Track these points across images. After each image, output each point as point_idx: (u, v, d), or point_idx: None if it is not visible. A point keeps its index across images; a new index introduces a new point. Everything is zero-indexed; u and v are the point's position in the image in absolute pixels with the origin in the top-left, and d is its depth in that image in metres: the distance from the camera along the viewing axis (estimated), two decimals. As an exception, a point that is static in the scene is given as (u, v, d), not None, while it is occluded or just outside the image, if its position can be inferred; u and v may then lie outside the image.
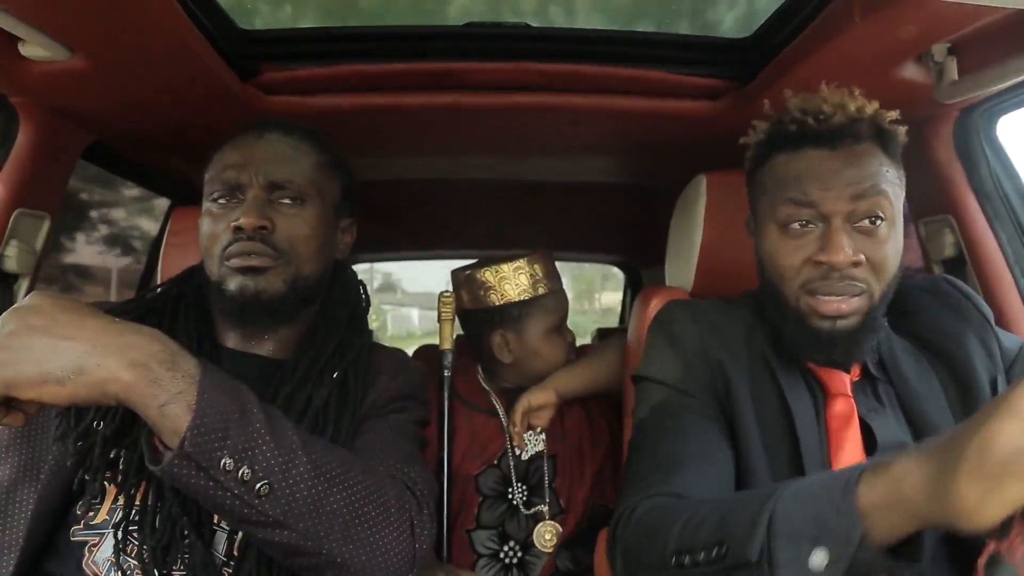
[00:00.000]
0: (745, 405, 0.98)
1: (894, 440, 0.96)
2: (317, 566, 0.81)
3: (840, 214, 0.92)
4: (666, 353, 1.06)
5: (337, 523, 0.80)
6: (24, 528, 0.89)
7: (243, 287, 0.98)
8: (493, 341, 1.58)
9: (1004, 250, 1.32)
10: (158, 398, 0.71)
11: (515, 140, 1.64)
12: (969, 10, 0.92)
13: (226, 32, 1.26)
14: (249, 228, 0.98)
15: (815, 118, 0.94)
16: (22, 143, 1.26)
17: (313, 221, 1.04)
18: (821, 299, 0.93)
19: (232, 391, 0.78)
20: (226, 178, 1.02)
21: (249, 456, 0.75)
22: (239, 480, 0.74)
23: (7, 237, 1.27)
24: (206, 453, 0.72)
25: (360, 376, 1.04)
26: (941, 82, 1.09)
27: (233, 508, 0.76)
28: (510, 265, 1.56)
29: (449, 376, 1.58)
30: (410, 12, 1.47)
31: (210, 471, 0.73)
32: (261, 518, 0.76)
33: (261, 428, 0.77)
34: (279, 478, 0.76)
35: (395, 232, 2.59)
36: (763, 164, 1.00)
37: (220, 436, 0.73)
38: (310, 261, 1.04)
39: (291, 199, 1.03)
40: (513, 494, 1.54)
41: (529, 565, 1.52)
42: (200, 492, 0.75)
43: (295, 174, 1.03)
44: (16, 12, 0.93)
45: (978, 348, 1.01)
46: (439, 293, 1.62)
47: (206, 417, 0.72)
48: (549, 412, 1.54)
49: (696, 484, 0.89)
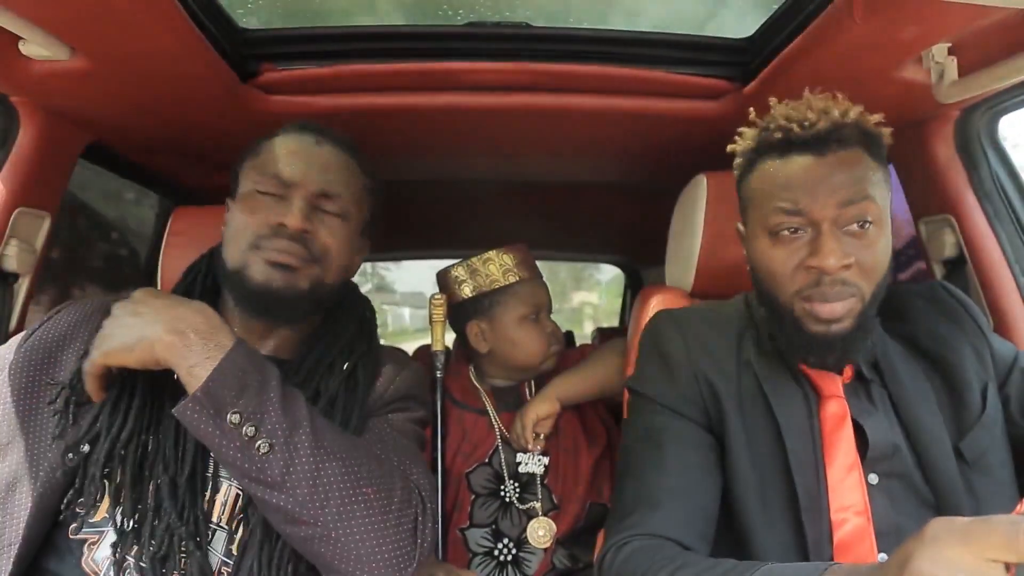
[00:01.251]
0: (734, 422, 0.99)
1: (886, 441, 0.97)
2: (313, 538, 0.84)
3: (829, 219, 0.92)
4: (656, 369, 1.07)
5: (333, 496, 0.84)
6: (23, 526, 0.89)
7: (270, 279, 0.99)
8: (470, 332, 1.62)
9: (1004, 250, 1.32)
10: (188, 359, 0.85)
11: (515, 140, 1.64)
12: (969, 10, 0.92)
13: (226, 32, 1.26)
14: (295, 230, 0.99)
15: (800, 125, 0.94)
16: (22, 142, 1.26)
17: (347, 237, 1.07)
18: (816, 303, 0.93)
19: (258, 364, 0.88)
20: (280, 172, 1.02)
21: (256, 417, 0.84)
22: (244, 436, 0.83)
23: (7, 236, 1.27)
24: (217, 403, 0.83)
25: (369, 369, 1.06)
26: (941, 82, 1.09)
27: (235, 460, 0.84)
28: (480, 258, 1.61)
29: (441, 377, 1.59)
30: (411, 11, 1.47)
31: (218, 420, 0.83)
32: (261, 476, 0.84)
33: (274, 397, 0.86)
34: (281, 442, 0.84)
35: (395, 232, 2.59)
36: (751, 172, 1.01)
37: (234, 394, 0.84)
38: (335, 272, 1.06)
39: (335, 213, 1.05)
40: (506, 491, 1.55)
41: (524, 562, 1.52)
42: (207, 438, 0.84)
43: (345, 189, 1.06)
44: (17, 11, 0.93)
45: (971, 355, 1.02)
46: (430, 296, 1.63)
47: (224, 374, 0.84)
48: (552, 420, 1.55)
49: (677, 524, 0.93)
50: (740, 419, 1.00)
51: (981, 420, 0.97)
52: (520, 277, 1.60)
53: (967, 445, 0.96)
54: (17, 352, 0.98)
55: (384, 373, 1.09)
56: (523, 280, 1.61)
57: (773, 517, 0.95)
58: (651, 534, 0.92)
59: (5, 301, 1.31)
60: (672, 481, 0.97)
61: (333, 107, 1.38)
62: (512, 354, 1.60)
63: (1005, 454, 0.98)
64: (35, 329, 1.02)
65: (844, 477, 0.94)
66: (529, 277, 1.62)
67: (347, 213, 1.06)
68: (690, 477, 0.98)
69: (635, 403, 1.09)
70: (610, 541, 0.95)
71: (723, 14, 1.47)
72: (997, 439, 0.98)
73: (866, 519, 0.92)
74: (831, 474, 0.94)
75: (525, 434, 1.52)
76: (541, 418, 1.52)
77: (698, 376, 1.03)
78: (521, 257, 1.63)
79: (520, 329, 1.59)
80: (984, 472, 0.96)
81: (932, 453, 0.95)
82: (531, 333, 1.59)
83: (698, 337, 1.07)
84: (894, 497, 0.95)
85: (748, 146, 1.02)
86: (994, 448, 0.97)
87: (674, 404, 1.03)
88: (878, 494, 0.94)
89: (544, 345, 1.60)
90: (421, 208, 2.36)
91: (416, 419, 1.10)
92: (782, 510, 0.95)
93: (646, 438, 1.03)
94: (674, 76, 1.37)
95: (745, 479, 0.97)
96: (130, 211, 2.14)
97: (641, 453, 1.02)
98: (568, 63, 1.34)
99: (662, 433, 1.01)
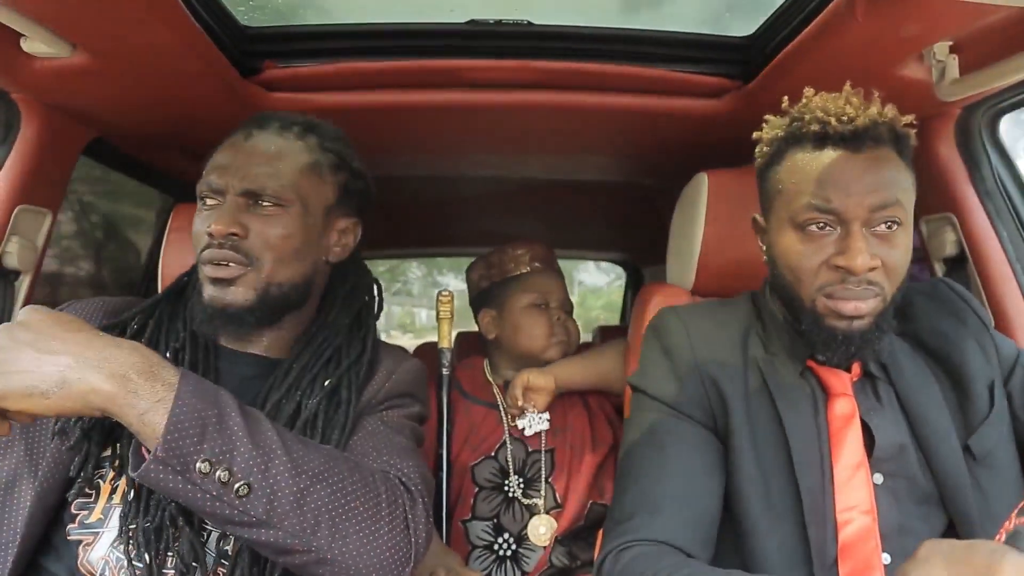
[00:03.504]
0: (739, 420, 0.99)
1: (892, 441, 0.96)
2: (308, 564, 0.81)
3: (860, 219, 0.92)
4: (660, 366, 1.06)
5: (323, 520, 0.80)
6: (22, 524, 0.90)
7: (212, 297, 0.98)
8: (482, 320, 1.71)
9: (1005, 248, 1.32)
10: (137, 407, 0.74)
11: (517, 138, 1.64)
12: (971, 8, 0.92)
13: (228, 29, 1.26)
14: (218, 235, 0.97)
15: (838, 119, 0.93)
16: (24, 139, 1.26)
17: (292, 226, 1.01)
18: (840, 301, 0.93)
19: (211, 395, 0.79)
20: (209, 181, 1.01)
21: (227, 458, 0.76)
22: (217, 482, 0.75)
23: (9, 233, 1.27)
24: (181, 457, 0.74)
25: (354, 385, 1.02)
26: (943, 80, 1.09)
27: (215, 510, 0.76)
28: (498, 250, 1.70)
29: (448, 374, 1.60)
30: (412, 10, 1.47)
31: (186, 474, 0.74)
32: (244, 518, 0.77)
33: (239, 430, 0.78)
34: (258, 478, 0.77)
35: (397, 230, 2.59)
36: (779, 161, 0.99)
37: (196, 440, 0.74)
38: (285, 266, 1.01)
39: (269, 204, 1.00)
40: (510, 486, 1.55)
41: (523, 558, 1.53)
42: (180, 496, 0.76)
43: (273, 179, 1.00)
44: (19, 8, 0.93)
45: (976, 352, 1.02)
46: (437, 293, 1.64)
47: (181, 422, 0.74)
48: (546, 397, 1.55)
49: (678, 529, 0.93)
50: (745, 417, 0.99)
51: (990, 417, 0.97)
52: (532, 268, 1.67)
53: (976, 442, 0.96)
54: None
55: (380, 371, 1.07)
56: (534, 271, 1.67)
57: (777, 516, 0.94)
58: (652, 540, 0.92)
59: (6, 298, 1.31)
60: (673, 484, 0.96)
61: (334, 104, 1.38)
62: (516, 339, 1.64)
63: (1012, 451, 0.99)
64: None
65: (851, 476, 0.94)
66: (541, 268, 1.68)
67: (284, 200, 1.00)
68: (692, 480, 0.97)
69: (637, 401, 1.08)
70: (610, 545, 0.94)
71: (724, 12, 1.47)
72: (1004, 436, 0.98)
73: (872, 519, 0.92)
74: (838, 472, 0.94)
75: (513, 392, 1.54)
76: (532, 387, 1.53)
77: (702, 374, 1.02)
78: (536, 251, 1.70)
79: (525, 315, 1.63)
80: (991, 469, 0.96)
81: (939, 451, 0.95)
82: (535, 319, 1.63)
83: (703, 334, 1.06)
84: (899, 497, 0.95)
85: (776, 135, 1.00)
86: (1001, 445, 0.98)
87: (677, 404, 1.02)
88: (883, 494, 0.94)
89: (547, 331, 1.63)
90: (422, 205, 2.36)
91: (412, 415, 1.08)
92: (786, 509, 0.94)
93: (648, 438, 1.02)
94: (675, 74, 1.37)
95: (749, 478, 0.96)
96: (131, 208, 2.15)
97: (642, 454, 1.01)
98: (569, 61, 1.34)
99: (664, 434, 1.01)
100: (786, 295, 1.00)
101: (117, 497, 0.91)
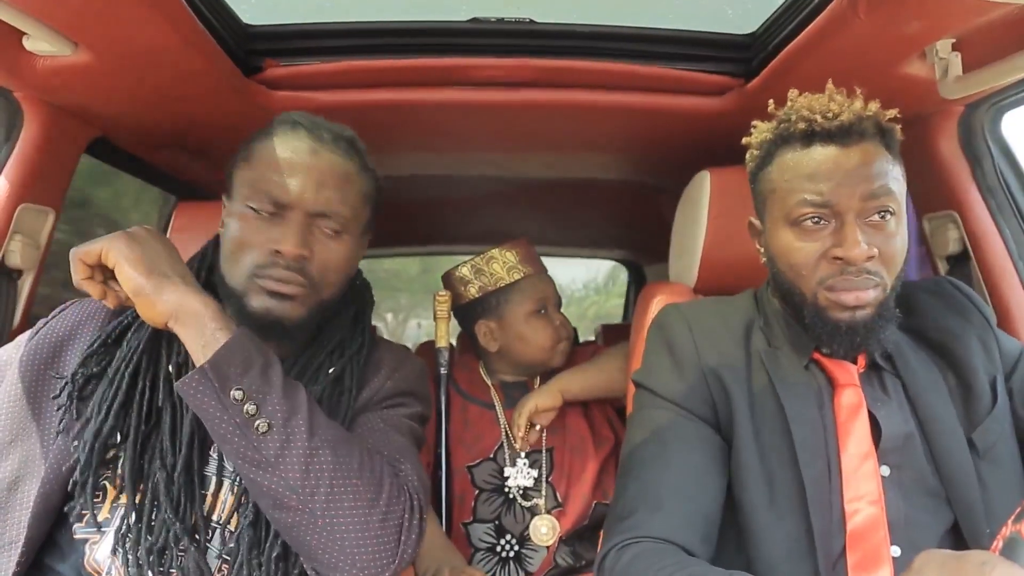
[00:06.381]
0: (743, 415, 0.99)
1: (899, 431, 0.97)
2: (299, 525, 0.85)
3: (854, 211, 0.93)
4: (663, 363, 1.07)
5: (323, 484, 0.85)
6: (26, 524, 0.90)
7: (268, 309, 0.97)
8: (479, 332, 1.63)
9: (1008, 246, 1.32)
10: (203, 335, 0.87)
11: (519, 136, 1.64)
12: (973, 6, 0.92)
13: (230, 27, 1.26)
14: (290, 256, 0.96)
15: (823, 116, 0.95)
16: (26, 138, 1.26)
17: (347, 252, 1.04)
18: (841, 292, 0.94)
19: (263, 349, 0.90)
20: (270, 191, 0.97)
21: (259, 397, 0.86)
22: (244, 413, 0.85)
23: (11, 232, 1.27)
24: (222, 379, 0.85)
25: (356, 374, 1.04)
26: (945, 78, 1.09)
27: (232, 437, 0.85)
28: (484, 257, 1.62)
29: (446, 373, 1.60)
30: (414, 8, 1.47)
31: (221, 396, 0.84)
32: (255, 455, 0.85)
33: (276, 381, 0.88)
34: (279, 423, 0.85)
35: (398, 228, 2.59)
36: (769, 163, 1.01)
37: (239, 372, 0.86)
38: (335, 288, 1.04)
39: (334, 229, 1.01)
40: (509, 488, 1.55)
41: (526, 559, 1.52)
42: (208, 414, 0.85)
43: (343, 205, 1.01)
44: (21, 6, 0.93)
45: (979, 348, 1.03)
46: (434, 293, 1.64)
47: (233, 352, 0.86)
48: (552, 414, 1.55)
49: (679, 526, 0.93)
50: (749, 412, 0.99)
51: (993, 412, 0.98)
52: (525, 273, 1.61)
53: (979, 436, 0.97)
54: (24, 349, 0.99)
55: (381, 369, 1.08)
56: (528, 276, 1.61)
57: (781, 510, 0.94)
58: (653, 537, 0.92)
59: (9, 297, 1.31)
60: (675, 481, 0.96)
61: (336, 103, 1.38)
62: (522, 350, 1.61)
63: (1013, 446, 0.99)
64: (41, 327, 1.02)
65: (859, 466, 0.94)
66: (534, 272, 1.63)
67: (346, 227, 1.02)
68: (694, 477, 0.97)
69: (641, 397, 1.08)
70: (611, 542, 0.94)
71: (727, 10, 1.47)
72: (1006, 432, 0.99)
73: (880, 509, 0.92)
74: (845, 463, 0.94)
75: (519, 420, 1.52)
76: (541, 410, 1.52)
77: (706, 371, 1.03)
78: (524, 252, 1.64)
79: (528, 324, 1.60)
80: (994, 464, 0.96)
81: (945, 443, 0.96)
82: (540, 327, 1.60)
83: (706, 330, 1.07)
84: (906, 489, 0.95)
85: (765, 137, 1.02)
86: (1003, 440, 0.98)
87: (680, 400, 1.02)
88: (890, 486, 0.94)
89: (553, 338, 1.61)
90: (424, 204, 2.36)
91: (413, 415, 1.08)
92: (790, 502, 0.94)
93: (650, 435, 1.02)
94: (677, 72, 1.37)
95: (753, 472, 0.96)
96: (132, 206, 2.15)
97: (645, 450, 1.02)
98: (571, 59, 1.34)
99: (667, 431, 1.01)
100: (788, 292, 1.01)
101: (124, 498, 0.92)
